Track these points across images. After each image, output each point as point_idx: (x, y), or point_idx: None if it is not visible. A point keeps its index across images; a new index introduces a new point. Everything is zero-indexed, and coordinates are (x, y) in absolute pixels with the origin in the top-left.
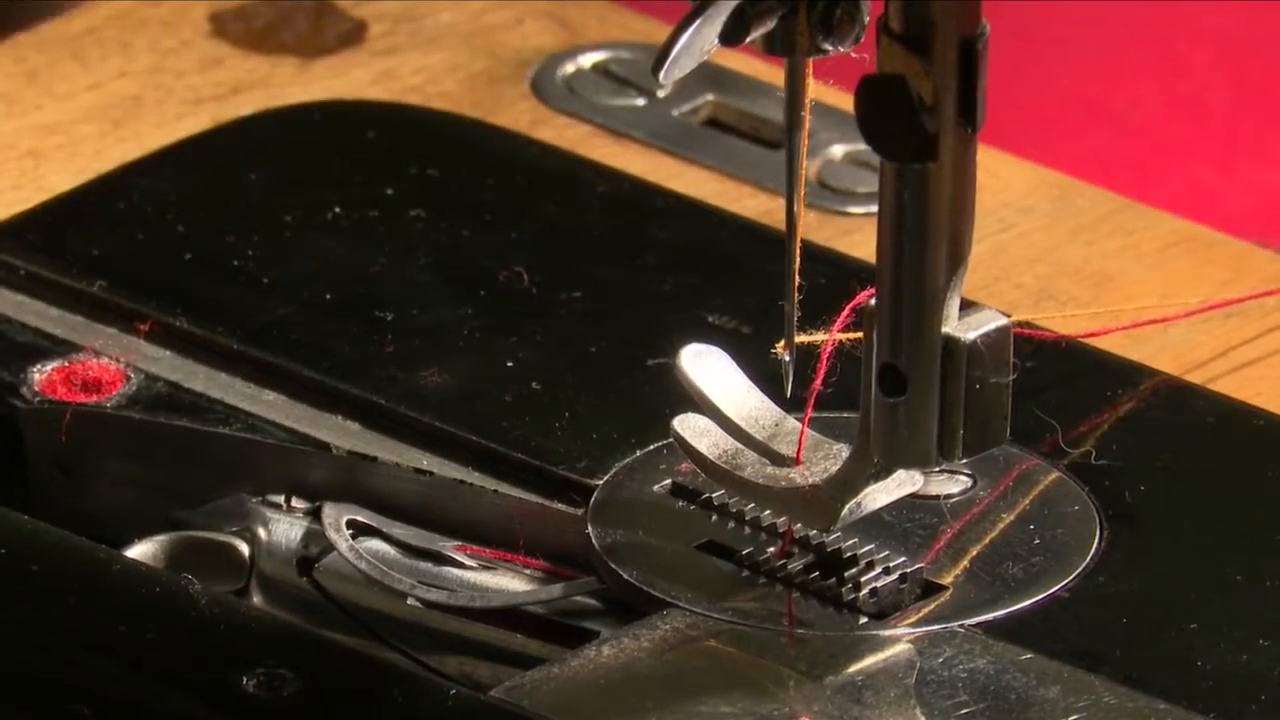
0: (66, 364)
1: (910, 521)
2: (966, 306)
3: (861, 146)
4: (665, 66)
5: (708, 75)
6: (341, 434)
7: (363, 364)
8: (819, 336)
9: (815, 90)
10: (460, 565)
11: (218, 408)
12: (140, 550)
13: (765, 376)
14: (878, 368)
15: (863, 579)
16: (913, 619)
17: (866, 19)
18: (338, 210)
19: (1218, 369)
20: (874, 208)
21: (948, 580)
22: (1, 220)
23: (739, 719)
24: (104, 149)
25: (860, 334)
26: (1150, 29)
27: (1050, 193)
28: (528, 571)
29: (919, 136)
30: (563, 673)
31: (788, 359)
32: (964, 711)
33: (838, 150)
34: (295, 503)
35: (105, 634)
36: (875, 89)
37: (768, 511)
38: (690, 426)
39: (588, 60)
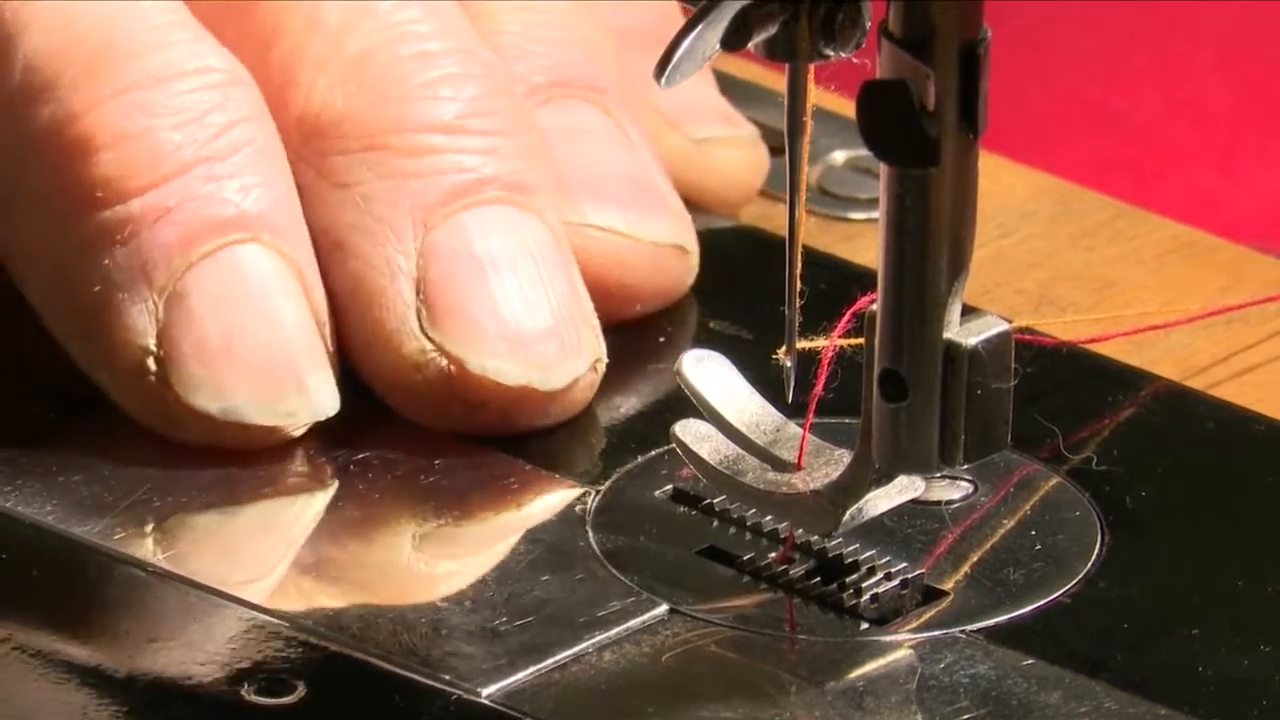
0: None
1: (911, 527)
2: (967, 312)
3: (863, 152)
4: (667, 71)
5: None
6: None
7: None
8: (820, 342)
9: (816, 96)
10: None
11: None
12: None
13: (766, 382)
14: (879, 373)
15: (864, 584)
16: (914, 625)
17: (868, 24)
18: None
19: (1219, 374)
20: (875, 213)
21: (949, 586)
22: None
23: None
24: None
25: (861, 340)
26: (1150, 32)
27: (1051, 198)
28: None
29: (920, 142)
30: (563, 677)
31: (789, 365)
32: (965, 717)
33: (839, 156)
34: None
35: (105, 635)
36: (876, 94)
37: (769, 517)
38: (691, 432)
39: None
